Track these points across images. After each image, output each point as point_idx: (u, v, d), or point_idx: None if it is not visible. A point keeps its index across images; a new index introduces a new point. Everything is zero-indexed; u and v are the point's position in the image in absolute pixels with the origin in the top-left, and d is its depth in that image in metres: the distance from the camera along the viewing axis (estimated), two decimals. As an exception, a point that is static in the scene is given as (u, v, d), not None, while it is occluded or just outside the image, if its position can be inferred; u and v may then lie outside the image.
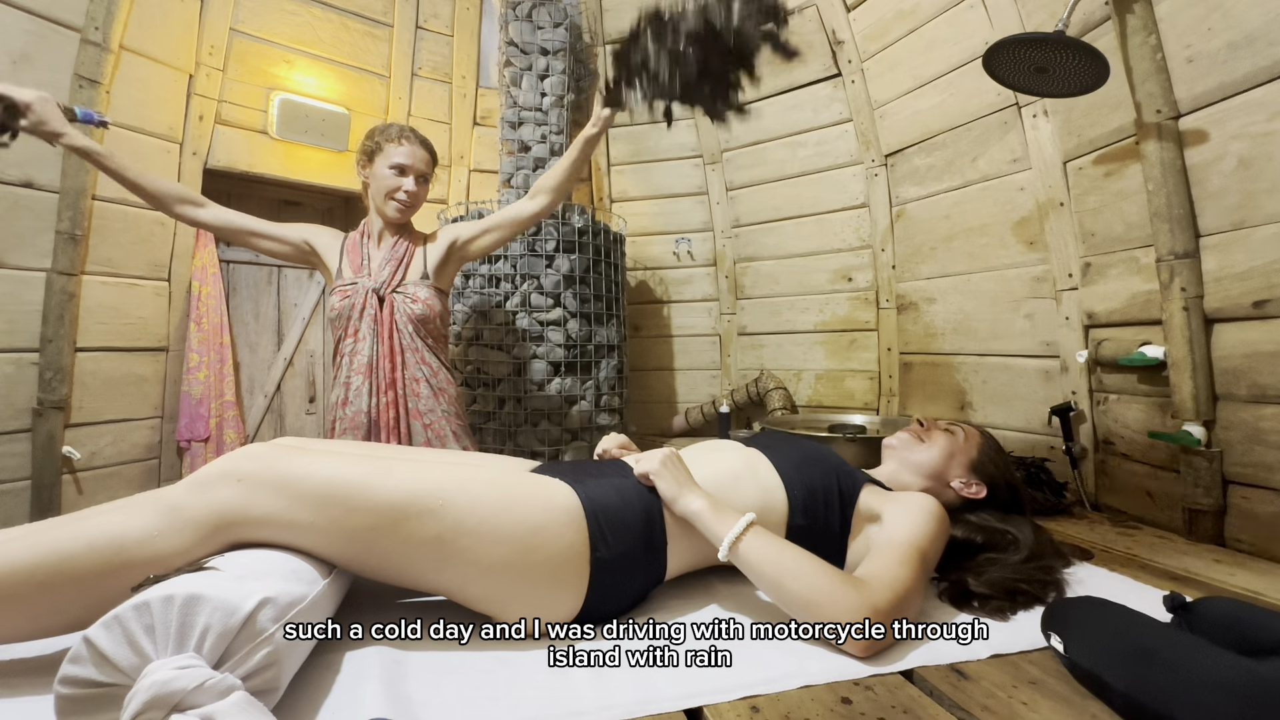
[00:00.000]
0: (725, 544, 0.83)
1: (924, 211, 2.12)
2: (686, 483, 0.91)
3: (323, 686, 0.71)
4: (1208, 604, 0.77)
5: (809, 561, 0.81)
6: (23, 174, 1.65)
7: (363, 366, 1.47)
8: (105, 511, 0.75)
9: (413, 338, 1.50)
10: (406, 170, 1.51)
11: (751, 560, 0.82)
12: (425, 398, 1.51)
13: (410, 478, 0.79)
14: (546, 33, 2.40)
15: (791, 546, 0.83)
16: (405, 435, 1.49)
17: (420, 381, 1.51)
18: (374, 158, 1.54)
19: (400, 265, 1.52)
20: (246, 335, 2.47)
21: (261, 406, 2.52)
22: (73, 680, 0.55)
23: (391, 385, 1.48)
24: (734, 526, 0.84)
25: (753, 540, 0.83)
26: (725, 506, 0.88)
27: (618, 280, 2.37)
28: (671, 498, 0.89)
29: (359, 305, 1.47)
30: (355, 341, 1.48)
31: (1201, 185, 1.31)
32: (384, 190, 1.51)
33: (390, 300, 1.49)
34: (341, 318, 1.49)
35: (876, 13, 2.13)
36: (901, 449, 1.12)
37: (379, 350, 1.47)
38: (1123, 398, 1.55)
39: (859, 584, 0.79)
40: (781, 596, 0.81)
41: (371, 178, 1.54)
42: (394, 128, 1.56)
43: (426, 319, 1.51)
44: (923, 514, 0.92)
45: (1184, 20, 1.31)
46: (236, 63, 2.17)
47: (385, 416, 1.47)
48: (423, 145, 1.56)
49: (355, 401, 1.47)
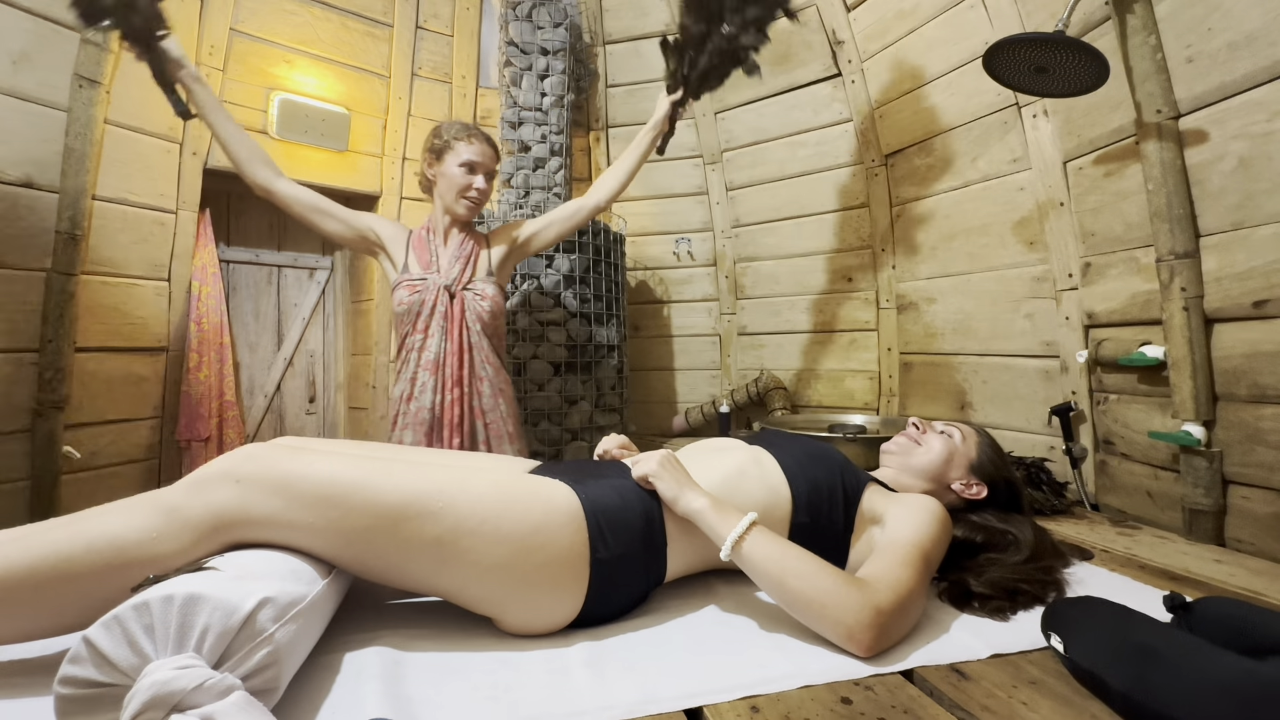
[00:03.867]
0: (728, 544, 0.83)
1: (924, 211, 2.12)
2: (686, 482, 0.91)
3: (323, 686, 0.71)
4: (1208, 604, 0.77)
5: (812, 562, 0.81)
6: (23, 174, 1.65)
7: (430, 363, 1.48)
8: (104, 512, 0.74)
9: (479, 336, 1.52)
10: (476, 168, 1.52)
11: (754, 560, 0.82)
12: (487, 396, 1.53)
13: (410, 479, 0.79)
14: (546, 33, 2.40)
15: (794, 547, 0.83)
16: (468, 433, 1.50)
17: (483, 380, 1.53)
18: (443, 156, 1.54)
19: (469, 263, 1.54)
20: (246, 335, 2.48)
21: (261, 406, 2.52)
22: (72, 680, 0.55)
23: (458, 383, 1.49)
24: (736, 526, 0.83)
25: (756, 539, 0.83)
26: (727, 505, 0.88)
27: (618, 280, 2.37)
28: (672, 498, 0.89)
29: (430, 301, 1.48)
30: (425, 337, 1.49)
31: (1201, 185, 1.31)
32: (455, 188, 1.52)
33: (461, 297, 1.50)
34: (410, 313, 1.49)
35: (876, 13, 2.13)
36: (899, 454, 1.11)
37: (447, 347, 1.49)
38: (1123, 398, 1.55)
39: (862, 584, 0.79)
40: (784, 596, 0.81)
41: (440, 176, 1.55)
42: (460, 126, 1.57)
43: (494, 316, 1.54)
44: (926, 515, 0.92)
45: (1184, 20, 1.31)
46: (236, 63, 2.17)
47: (450, 414, 1.48)
48: (489, 143, 1.57)
49: (420, 397, 1.48)
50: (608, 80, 2.74)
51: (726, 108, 2.57)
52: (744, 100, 2.53)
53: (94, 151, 1.78)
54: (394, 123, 2.52)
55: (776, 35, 2.39)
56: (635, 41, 2.69)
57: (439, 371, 1.48)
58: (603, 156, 2.77)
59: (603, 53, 2.71)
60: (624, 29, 2.69)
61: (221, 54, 2.13)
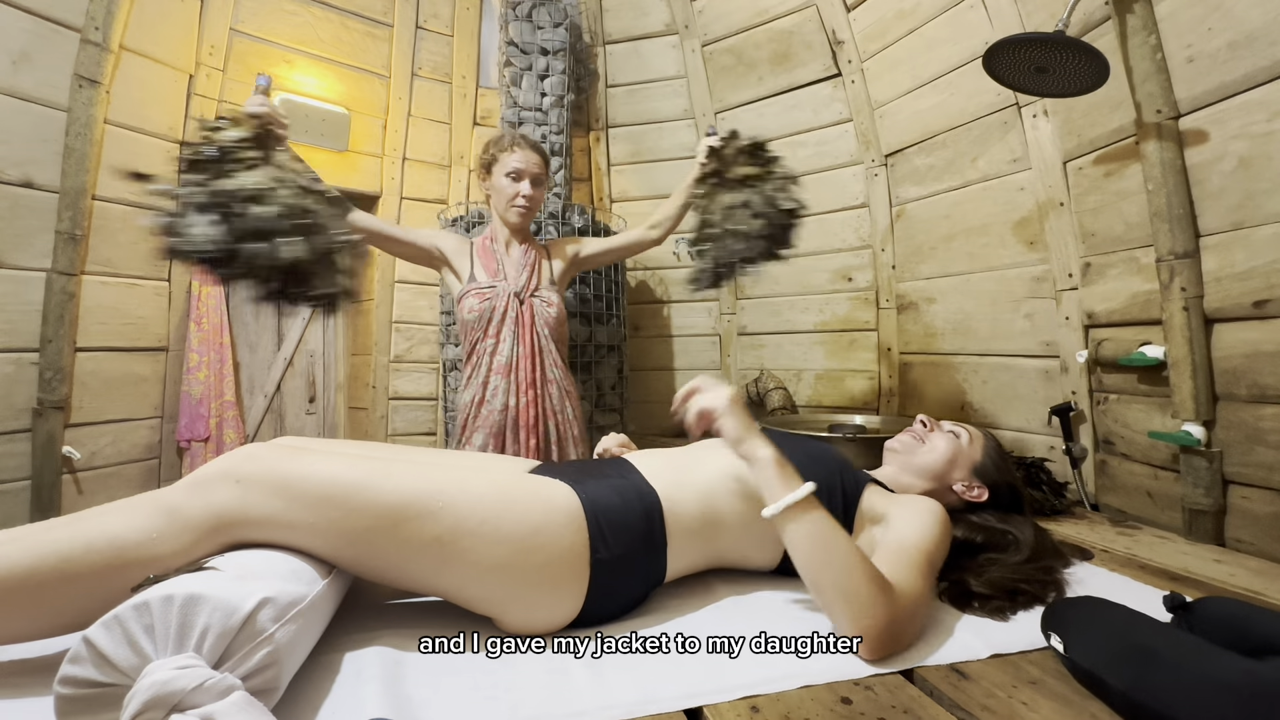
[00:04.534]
0: (781, 505, 0.79)
1: (924, 211, 2.12)
2: (753, 426, 0.86)
3: (323, 686, 0.71)
4: (1208, 604, 0.77)
5: (857, 554, 0.78)
6: (23, 174, 1.65)
7: (503, 367, 1.51)
8: (104, 513, 0.74)
9: (548, 340, 1.57)
10: (522, 175, 1.56)
11: (801, 532, 0.79)
12: (556, 399, 1.57)
13: (409, 479, 0.79)
14: (546, 33, 2.40)
15: (843, 531, 0.80)
16: (542, 434, 1.55)
17: (553, 384, 1.57)
18: (491, 169, 1.59)
19: (534, 271, 1.58)
20: (246, 335, 2.47)
21: (261, 406, 2.52)
22: (72, 680, 0.55)
23: (531, 385, 1.53)
24: (796, 490, 0.80)
25: (809, 512, 0.80)
26: (790, 465, 0.84)
27: (618, 280, 2.37)
28: (736, 438, 0.84)
29: (500, 308, 1.53)
30: (496, 342, 1.52)
31: (1201, 185, 1.31)
32: (505, 198, 1.57)
33: (530, 303, 1.55)
34: (481, 320, 1.53)
35: (876, 13, 2.13)
36: (904, 452, 1.11)
37: (519, 351, 1.53)
38: (1123, 398, 1.55)
39: (890, 589, 0.77)
40: (817, 577, 0.79)
41: (492, 189, 1.60)
42: (505, 137, 1.60)
43: (560, 322, 1.59)
44: (930, 519, 0.92)
45: (1184, 20, 1.31)
46: (236, 63, 2.17)
47: (525, 416, 1.52)
48: (534, 149, 1.60)
49: (492, 401, 1.51)
50: (608, 80, 2.74)
51: (727, 108, 2.57)
52: (744, 100, 2.53)
53: (94, 151, 1.78)
54: (394, 123, 2.52)
55: (777, 35, 2.40)
56: (635, 41, 2.69)
57: (511, 374, 1.52)
58: (602, 156, 2.77)
59: (603, 53, 2.71)
60: (624, 29, 2.69)
61: (221, 54, 2.13)
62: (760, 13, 2.40)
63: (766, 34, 2.41)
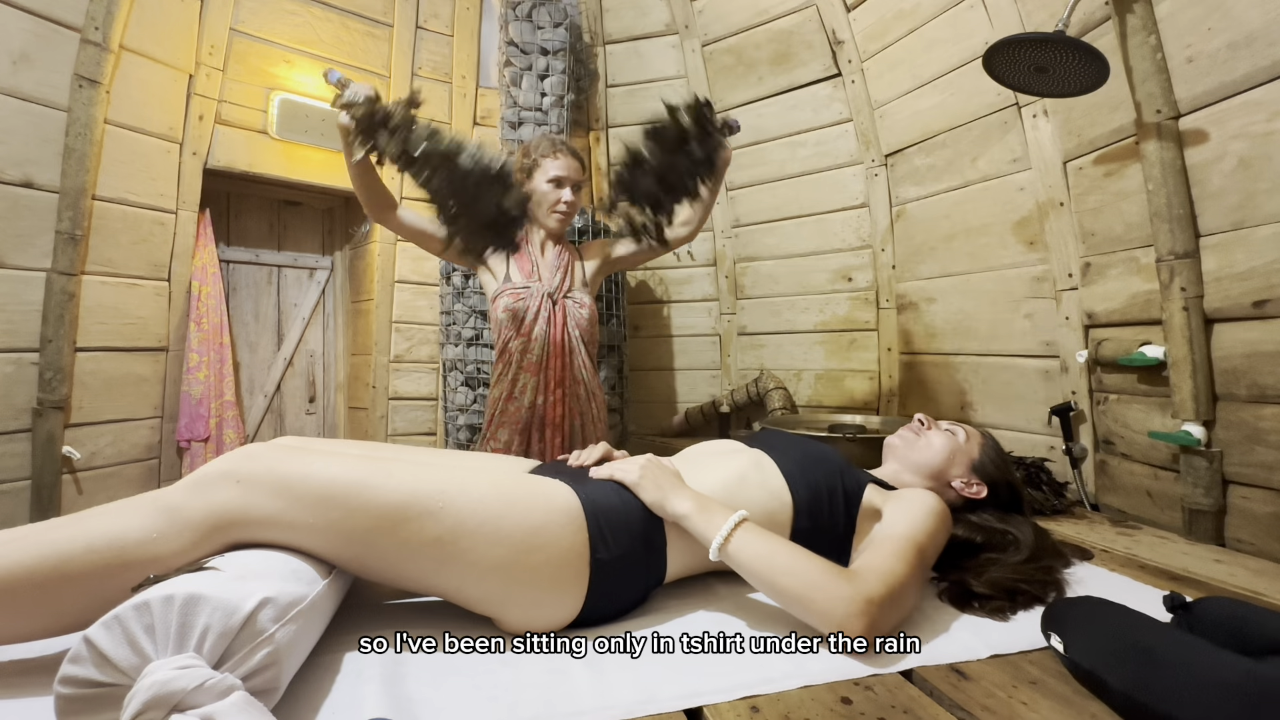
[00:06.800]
0: (715, 545, 0.83)
1: (924, 211, 2.13)
2: (670, 486, 0.90)
3: (323, 686, 0.71)
4: (1208, 604, 0.77)
5: (801, 556, 0.81)
6: (23, 174, 1.65)
7: (533, 365, 1.53)
8: (104, 513, 0.74)
9: (579, 341, 1.58)
10: (564, 182, 1.57)
11: (742, 559, 0.82)
12: (582, 399, 1.59)
13: (410, 479, 0.79)
14: (546, 33, 2.40)
15: (783, 542, 0.83)
16: (568, 432, 1.57)
17: (580, 384, 1.59)
18: (532, 174, 1.60)
19: (567, 273, 1.60)
20: (246, 335, 2.48)
21: (261, 406, 2.52)
22: (73, 680, 0.55)
23: (559, 384, 1.55)
24: (723, 526, 0.83)
25: (743, 538, 0.83)
26: (714, 505, 0.87)
27: (617, 280, 2.37)
28: (657, 504, 0.89)
29: (534, 308, 1.54)
30: (528, 341, 1.54)
31: (1201, 185, 1.31)
32: (546, 204, 1.58)
33: (562, 304, 1.57)
34: (515, 318, 1.55)
35: (876, 13, 2.13)
36: (903, 448, 1.12)
37: (550, 350, 1.55)
38: (1123, 398, 1.55)
39: (851, 575, 0.79)
40: (775, 593, 0.81)
41: (532, 193, 1.60)
42: (547, 142, 1.61)
43: (591, 324, 1.61)
44: (922, 509, 0.92)
45: (1184, 20, 1.31)
46: (236, 63, 2.17)
47: (553, 413, 1.55)
48: (574, 156, 1.62)
49: (520, 398, 1.54)
50: (608, 80, 2.74)
51: (726, 108, 2.57)
52: (744, 100, 2.53)
53: (94, 151, 1.79)
54: (394, 123, 2.52)
55: (776, 35, 2.40)
56: (635, 41, 2.69)
57: (541, 372, 1.54)
58: (602, 156, 2.77)
59: (603, 53, 2.71)
60: (624, 29, 2.69)
61: (221, 54, 2.13)
62: (760, 13, 2.40)
63: (766, 34, 2.42)
